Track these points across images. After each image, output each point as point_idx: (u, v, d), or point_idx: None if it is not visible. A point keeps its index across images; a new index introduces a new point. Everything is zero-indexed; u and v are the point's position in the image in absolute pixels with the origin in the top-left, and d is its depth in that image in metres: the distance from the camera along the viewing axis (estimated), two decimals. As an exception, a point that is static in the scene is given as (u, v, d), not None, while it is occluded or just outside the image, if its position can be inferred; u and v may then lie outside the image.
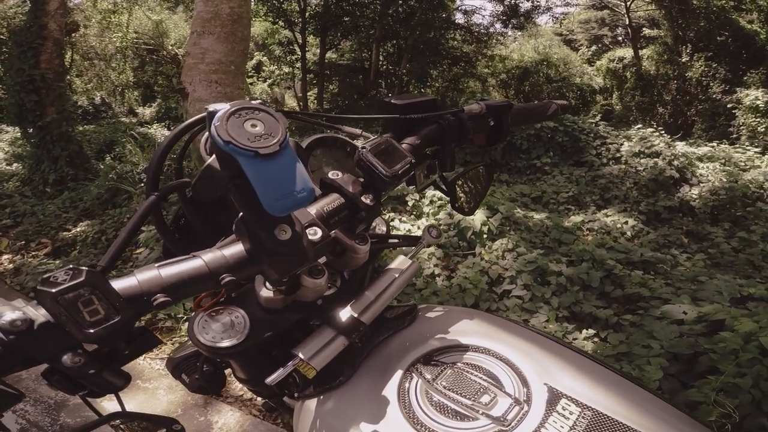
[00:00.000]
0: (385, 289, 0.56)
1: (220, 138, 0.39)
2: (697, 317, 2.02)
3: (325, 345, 0.49)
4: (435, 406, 0.47)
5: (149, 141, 6.86)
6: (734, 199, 4.38)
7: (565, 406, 0.46)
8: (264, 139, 0.40)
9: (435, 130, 0.64)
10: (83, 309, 0.35)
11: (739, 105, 9.11)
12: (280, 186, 0.40)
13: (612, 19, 17.52)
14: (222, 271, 0.42)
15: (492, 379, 0.49)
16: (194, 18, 2.78)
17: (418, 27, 11.74)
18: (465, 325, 0.57)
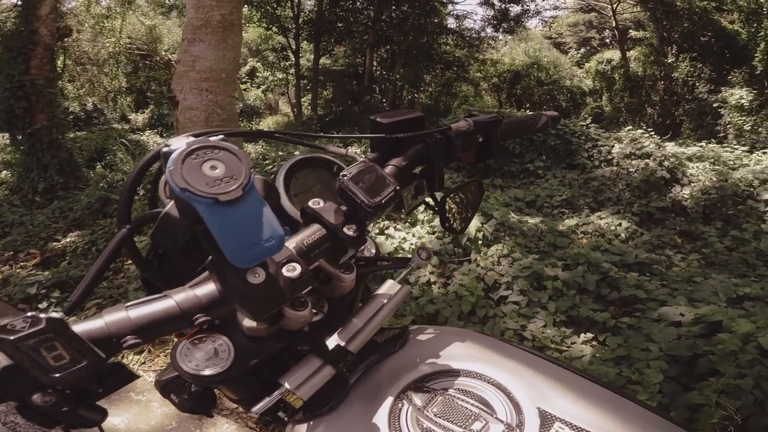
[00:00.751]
0: (373, 316, 0.54)
1: (176, 184, 0.36)
2: (694, 319, 2.02)
3: (311, 375, 0.47)
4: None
5: (141, 148, 6.79)
6: (725, 197, 4.42)
7: (558, 430, 0.45)
8: (225, 182, 0.37)
9: (422, 149, 0.62)
10: (46, 354, 0.33)
11: (724, 104, 9.25)
12: (245, 235, 0.37)
13: (599, 21, 17.77)
14: (194, 311, 0.40)
15: (484, 405, 0.48)
16: (185, 25, 2.75)
17: (411, 32, 11.83)
18: (456, 348, 0.57)
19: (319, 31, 11.75)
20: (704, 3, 10.54)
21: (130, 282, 2.92)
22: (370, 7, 11.77)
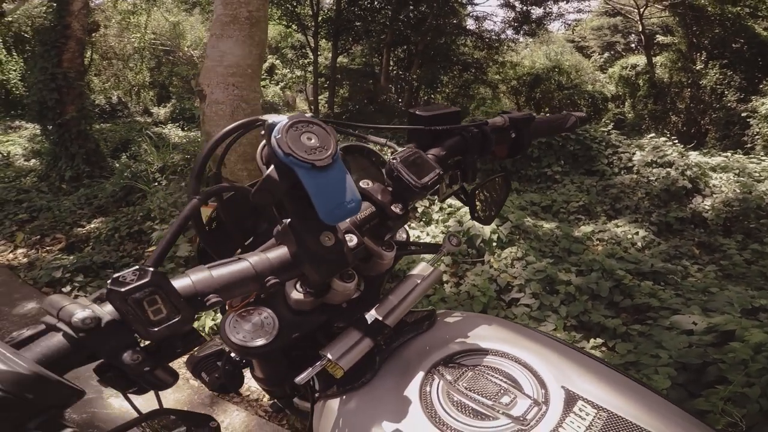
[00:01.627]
0: (408, 294, 0.58)
1: (281, 150, 0.43)
2: (707, 328, 2.01)
3: (351, 346, 0.51)
4: (456, 406, 0.49)
5: (163, 141, 6.96)
6: (748, 210, 4.33)
7: (581, 408, 0.48)
8: (318, 152, 0.44)
9: (458, 142, 0.66)
10: (148, 308, 0.37)
11: (754, 114, 8.98)
12: (334, 196, 0.44)
13: (625, 25, 17.39)
14: (267, 273, 0.45)
15: (511, 381, 0.51)
16: (213, 21, 2.83)
17: (429, 33, 11.77)
18: (483, 330, 0.59)
19: (338, 29, 11.80)
20: (737, 9, 10.20)
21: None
22: (388, 6, 11.77)
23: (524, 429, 0.46)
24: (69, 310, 0.36)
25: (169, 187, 4.54)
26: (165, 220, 3.61)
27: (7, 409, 0.31)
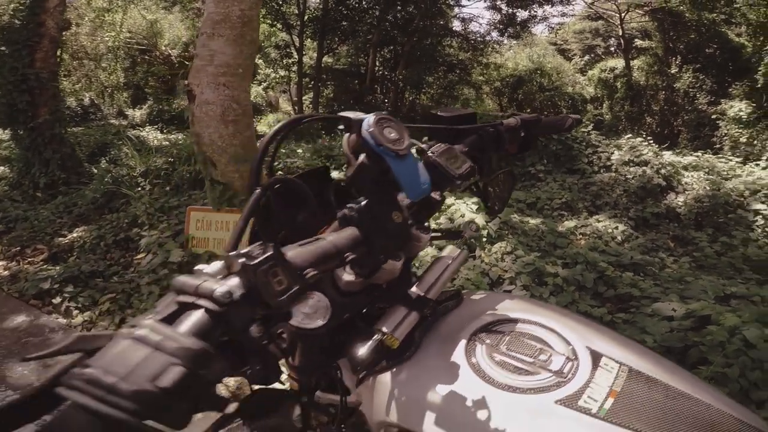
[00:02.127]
0: (443, 272, 0.65)
1: (374, 141, 0.51)
2: (685, 313, 2.14)
3: (402, 319, 0.56)
4: (500, 366, 0.56)
5: (142, 144, 6.78)
6: (717, 206, 4.57)
7: (605, 363, 0.55)
8: (398, 143, 0.52)
9: (476, 140, 0.73)
10: (272, 279, 0.40)
11: (723, 116, 9.39)
12: (414, 178, 0.53)
13: (606, 29, 17.86)
14: (345, 250, 0.50)
15: (543, 343, 0.58)
16: (204, 19, 2.80)
17: (416, 33, 11.88)
18: (508, 304, 0.66)
19: (324, 29, 11.79)
20: (713, 15, 10.61)
21: (141, 276, 2.93)
22: (376, 6, 11.83)
23: (564, 380, 0.53)
24: (207, 286, 0.39)
25: (154, 192, 4.46)
26: (154, 226, 3.54)
27: (188, 385, 0.34)
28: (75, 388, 0.33)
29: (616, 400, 0.51)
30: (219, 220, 3.10)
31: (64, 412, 0.33)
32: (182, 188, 4.48)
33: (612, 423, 0.49)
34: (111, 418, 0.32)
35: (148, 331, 0.36)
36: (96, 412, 0.32)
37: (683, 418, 0.51)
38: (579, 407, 0.51)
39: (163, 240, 3.21)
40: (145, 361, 0.34)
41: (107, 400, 0.32)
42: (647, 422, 0.49)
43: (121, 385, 0.33)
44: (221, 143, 2.91)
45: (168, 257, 2.98)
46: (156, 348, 0.35)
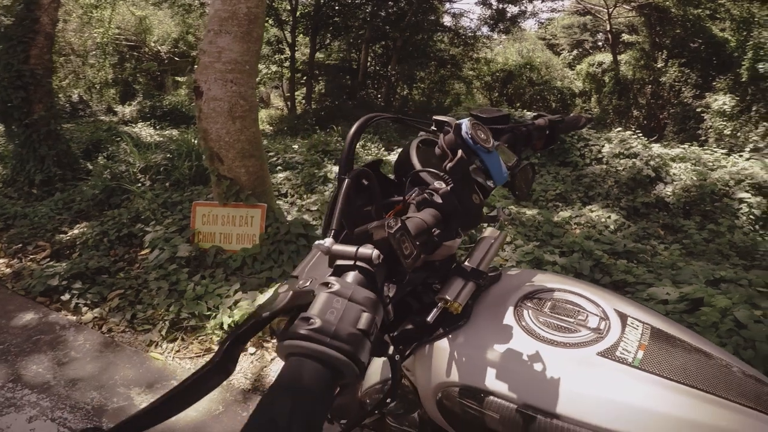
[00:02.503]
0: (489, 248, 0.74)
1: (472, 140, 0.63)
2: (679, 297, 2.27)
3: (461, 289, 0.64)
4: (546, 325, 0.64)
5: (138, 140, 6.75)
6: (704, 195, 4.75)
7: (631, 322, 0.65)
8: (487, 141, 0.65)
9: (510, 137, 0.83)
10: (402, 246, 0.49)
11: (707, 109, 9.62)
12: (499, 168, 0.66)
13: (594, 24, 17.98)
14: (432, 227, 0.59)
15: (578, 306, 0.67)
16: (211, 16, 2.82)
17: (407, 29, 11.91)
18: (541, 277, 0.75)
19: (317, 24, 11.76)
20: (698, 11, 10.82)
21: (148, 272, 2.95)
22: (368, 2, 11.84)
23: (601, 336, 0.62)
24: (363, 252, 0.49)
25: (155, 187, 4.47)
26: (159, 221, 3.56)
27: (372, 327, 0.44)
28: (306, 338, 0.41)
29: (645, 352, 0.60)
30: (225, 215, 3.15)
31: (292, 364, 0.40)
32: (183, 184, 4.51)
33: (645, 371, 0.58)
34: (335, 361, 0.40)
35: (339, 286, 0.45)
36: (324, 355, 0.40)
37: (703, 369, 0.60)
38: (617, 357, 0.60)
39: (169, 235, 3.24)
40: (347, 310, 0.43)
41: (332, 345, 0.40)
42: (673, 371, 0.59)
43: (341, 331, 0.41)
44: (228, 139, 2.96)
45: (176, 252, 3.01)
46: (350, 299, 0.44)
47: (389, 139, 8.27)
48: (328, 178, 4.80)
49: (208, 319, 2.46)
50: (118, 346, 2.40)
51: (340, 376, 0.41)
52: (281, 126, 11.90)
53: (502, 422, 0.60)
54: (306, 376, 0.39)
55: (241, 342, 0.46)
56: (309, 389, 0.38)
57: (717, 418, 0.56)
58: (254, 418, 0.36)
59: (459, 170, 0.62)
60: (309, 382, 0.38)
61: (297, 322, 0.42)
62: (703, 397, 0.57)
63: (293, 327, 0.42)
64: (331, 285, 0.45)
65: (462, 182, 0.62)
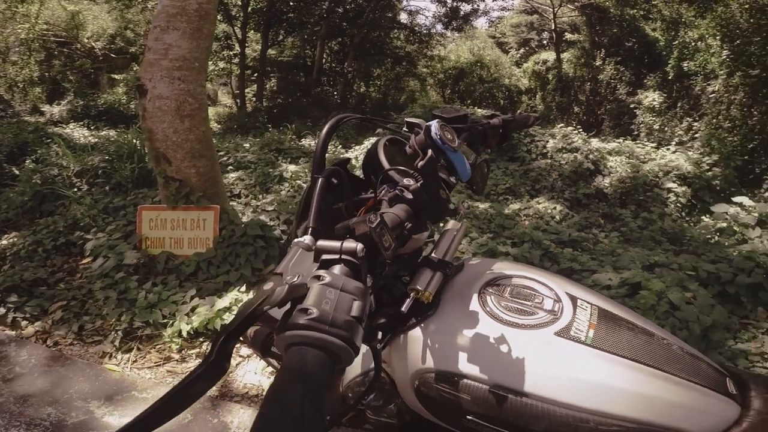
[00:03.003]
0: (453, 239, 0.77)
1: (441, 141, 0.68)
2: (620, 282, 2.44)
3: (430, 279, 0.68)
4: (508, 310, 0.69)
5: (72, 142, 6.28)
6: (637, 186, 5.15)
7: (581, 304, 0.71)
8: (453, 141, 0.70)
9: (468, 136, 0.89)
10: (382, 239, 0.53)
11: (639, 105, 10.36)
12: (463, 165, 0.72)
13: (540, 23, 18.71)
14: (405, 221, 0.63)
15: (534, 290, 0.73)
16: (158, 12, 2.70)
17: (365, 26, 11.88)
18: (501, 265, 0.81)
19: (269, 21, 11.45)
20: (634, 11, 11.53)
21: (93, 282, 2.79)
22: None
23: (556, 317, 0.68)
24: (348, 245, 0.52)
25: (93, 192, 4.20)
26: (101, 228, 3.35)
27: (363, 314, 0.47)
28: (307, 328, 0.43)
29: (596, 331, 0.67)
30: (175, 219, 3.03)
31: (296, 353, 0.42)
32: (126, 187, 4.27)
33: (597, 348, 0.65)
34: (334, 347, 0.42)
35: (331, 278, 0.48)
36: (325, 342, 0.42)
37: (647, 346, 0.67)
38: (572, 336, 0.66)
39: (113, 242, 3.07)
40: (340, 299, 0.46)
41: (331, 332, 0.43)
42: (621, 348, 0.65)
43: (337, 319, 0.44)
44: (176, 138, 2.85)
45: (122, 260, 2.85)
46: (342, 289, 0.47)
47: (347, 137, 8.25)
48: (284, 178, 4.72)
49: (165, 327, 2.37)
50: (68, 359, 2.27)
51: (338, 361, 0.44)
52: (230, 124, 11.52)
53: (477, 403, 0.64)
54: (310, 363, 0.41)
55: (233, 338, 0.47)
56: (314, 375, 0.40)
57: (663, 391, 0.63)
58: (268, 407, 0.38)
59: (429, 168, 0.66)
60: (314, 369, 0.41)
61: (296, 313, 0.44)
62: (649, 371, 0.64)
63: (293, 318, 0.44)
64: (322, 277, 0.48)
65: (431, 179, 0.66)
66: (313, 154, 0.69)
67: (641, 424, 0.61)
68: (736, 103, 7.77)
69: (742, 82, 7.53)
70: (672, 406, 0.63)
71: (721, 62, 7.80)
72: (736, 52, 7.39)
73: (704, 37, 8.46)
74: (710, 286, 2.50)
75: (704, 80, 8.85)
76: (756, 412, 0.65)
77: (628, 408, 0.61)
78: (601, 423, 0.61)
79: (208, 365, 0.45)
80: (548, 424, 0.62)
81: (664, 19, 10.36)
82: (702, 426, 0.63)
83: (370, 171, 0.79)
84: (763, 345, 2.14)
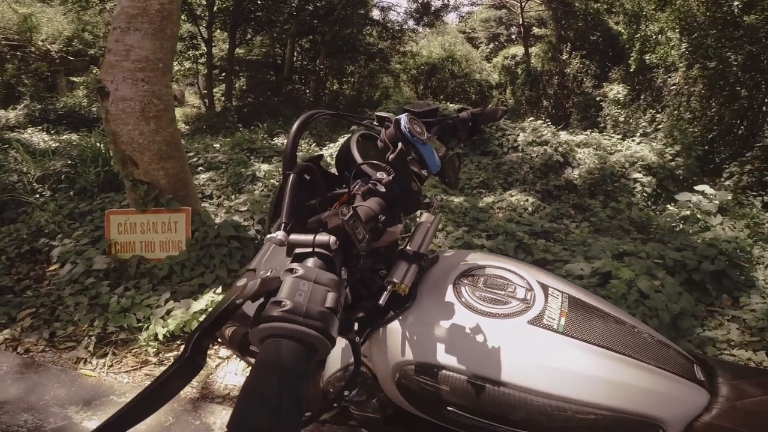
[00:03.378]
0: (427, 232, 0.79)
1: (410, 134, 0.69)
2: (592, 272, 2.51)
3: (406, 272, 0.68)
4: (482, 299, 0.70)
5: (30, 147, 6.01)
6: (605, 177, 5.32)
7: (552, 292, 0.73)
8: (422, 134, 0.71)
9: (438, 129, 0.90)
10: (355, 232, 0.53)
11: (605, 98, 10.67)
12: (433, 157, 0.72)
13: (508, 18, 18.91)
14: (379, 213, 0.63)
15: (507, 280, 0.74)
16: (117, 14, 2.61)
17: (336, 23, 11.77)
18: (474, 256, 0.82)
19: (236, 20, 11.19)
20: (597, 5, 11.75)
21: (62, 288, 2.73)
22: None
23: (529, 306, 0.69)
24: (321, 239, 0.52)
25: (57, 198, 4.06)
26: (67, 234, 3.24)
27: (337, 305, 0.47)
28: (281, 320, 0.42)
29: (567, 319, 0.68)
30: (145, 222, 2.96)
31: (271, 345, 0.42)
32: (91, 192, 4.15)
33: (568, 336, 0.66)
34: (309, 338, 0.42)
35: (303, 271, 0.48)
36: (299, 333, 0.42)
37: (617, 333, 0.69)
38: (544, 325, 0.67)
39: (80, 248, 3.00)
40: (314, 291, 0.46)
41: (305, 323, 0.42)
42: (592, 335, 0.67)
43: (311, 310, 0.44)
44: (142, 140, 2.77)
45: (91, 265, 2.80)
46: (315, 281, 0.47)
47: (321, 134, 8.19)
48: (257, 177, 4.66)
49: (140, 331, 2.35)
50: (41, 366, 2.23)
51: (314, 352, 0.44)
52: (199, 124, 11.25)
53: (456, 394, 0.65)
54: (285, 354, 0.41)
55: (208, 334, 0.47)
56: (290, 366, 0.40)
57: (634, 378, 0.65)
58: (244, 399, 0.38)
59: (400, 161, 0.67)
60: (289, 360, 0.41)
61: (269, 306, 0.44)
62: (620, 358, 0.65)
63: (266, 311, 0.44)
64: (295, 270, 0.48)
65: (402, 172, 0.67)
66: (284, 151, 0.68)
67: (614, 411, 0.62)
68: (696, 95, 8.09)
69: (700, 74, 7.83)
70: (644, 393, 0.64)
71: (681, 55, 8.09)
72: (694, 44, 7.66)
73: (664, 30, 8.74)
74: (677, 273, 2.57)
75: (665, 73, 9.17)
76: (724, 399, 0.67)
77: (600, 395, 0.62)
78: (576, 411, 0.62)
79: (183, 362, 0.44)
80: (526, 413, 0.63)
81: (626, 12, 10.64)
82: (673, 413, 0.64)
83: (344, 166, 0.79)
84: (729, 332, 2.21)
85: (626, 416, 0.62)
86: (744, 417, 0.65)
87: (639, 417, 0.63)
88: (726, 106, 7.44)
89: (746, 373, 0.72)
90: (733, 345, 2.15)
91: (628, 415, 0.62)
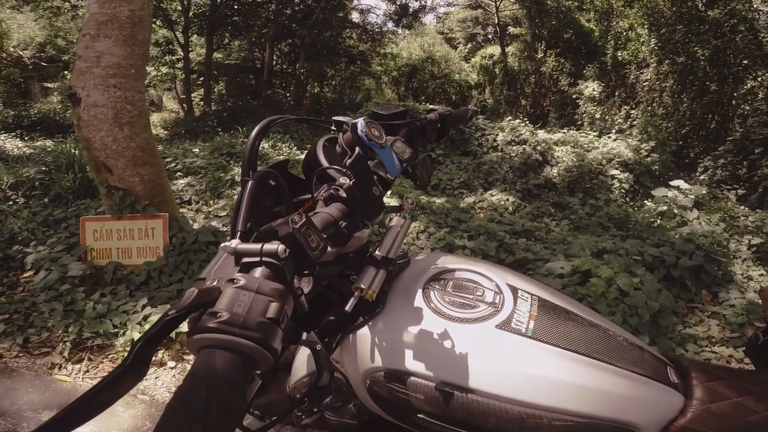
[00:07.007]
0: (396, 236, 0.79)
1: (367, 138, 0.68)
2: (572, 270, 2.52)
3: (374, 277, 0.68)
4: (451, 304, 0.69)
5: (1, 154, 5.84)
6: (583, 174, 5.41)
7: (521, 295, 0.72)
8: (380, 138, 0.71)
9: (407, 132, 0.89)
10: (308, 240, 0.51)
11: (581, 95, 10.84)
12: (392, 162, 0.72)
13: (484, 17, 19.02)
14: (339, 220, 0.62)
15: (476, 283, 0.73)
16: (86, 20, 2.55)
17: (315, 26, 11.71)
18: (445, 259, 0.81)
19: (213, 24, 11.02)
20: (569, 2, 11.84)
21: (36, 294, 2.67)
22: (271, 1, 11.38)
23: (497, 309, 0.69)
24: (269, 248, 0.49)
25: (31, 205, 3.96)
26: (41, 241, 3.17)
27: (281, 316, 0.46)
28: (215, 331, 0.42)
29: (536, 322, 0.67)
30: (121, 228, 2.92)
31: (204, 355, 0.41)
32: (66, 198, 4.06)
33: (537, 340, 0.65)
34: (246, 349, 0.41)
35: (245, 281, 0.46)
36: (235, 344, 0.41)
37: (588, 337, 0.68)
38: (512, 329, 0.66)
39: (55, 255, 2.95)
40: (254, 302, 0.45)
41: (242, 335, 0.42)
42: (561, 339, 0.66)
43: (249, 321, 0.43)
44: (116, 147, 2.72)
45: (66, 272, 2.75)
46: (257, 292, 0.46)
47: (301, 138, 8.13)
48: (236, 182, 4.61)
49: (116, 336, 2.32)
50: (14, 371, 2.18)
51: (254, 363, 0.43)
52: (178, 129, 11.05)
53: (426, 401, 0.64)
54: (218, 364, 0.40)
55: (151, 344, 0.46)
56: (222, 377, 0.40)
57: (606, 383, 0.64)
58: (171, 406, 0.37)
59: (358, 165, 0.66)
60: (222, 370, 0.40)
61: (205, 317, 0.43)
62: (591, 363, 0.65)
63: (201, 322, 0.43)
64: (236, 281, 0.47)
65: (362, 176, 0.66)
66: (242, 158, 0.68)
67: (587, 417, 0.61)
68: (668, 91, 8.26)
69: (670, 69, 8.00)
70: (617, 398, 0.63)
71: (651, 51, 8.24)
72: (663, 40, 7.80)
73: (634, 27, 8.91)
74: (656, 270, 2.59)
75: (637, 69, 9.35)
76: (699, 402, 0.67)
77: (572, 401, 0.61)
78: (547, 418, 0.61)
79: (125, 369, 0.43)
80: (496, 420, 0.61)
81: (597, 9, 10.80)
82: (648, 418, 0.64)
83: (311, 171, 0.77)
84: (709, 329, 2.24)
85: (599, 422, 0.62)
86: (719, 420, 0.64)
87: (612, 423, 0.62)
88: (697, 101, 7.62)
89: (720, 374, 0.72)
90: (714, 342, 2.17)
91: (601, 420, 0.62)
